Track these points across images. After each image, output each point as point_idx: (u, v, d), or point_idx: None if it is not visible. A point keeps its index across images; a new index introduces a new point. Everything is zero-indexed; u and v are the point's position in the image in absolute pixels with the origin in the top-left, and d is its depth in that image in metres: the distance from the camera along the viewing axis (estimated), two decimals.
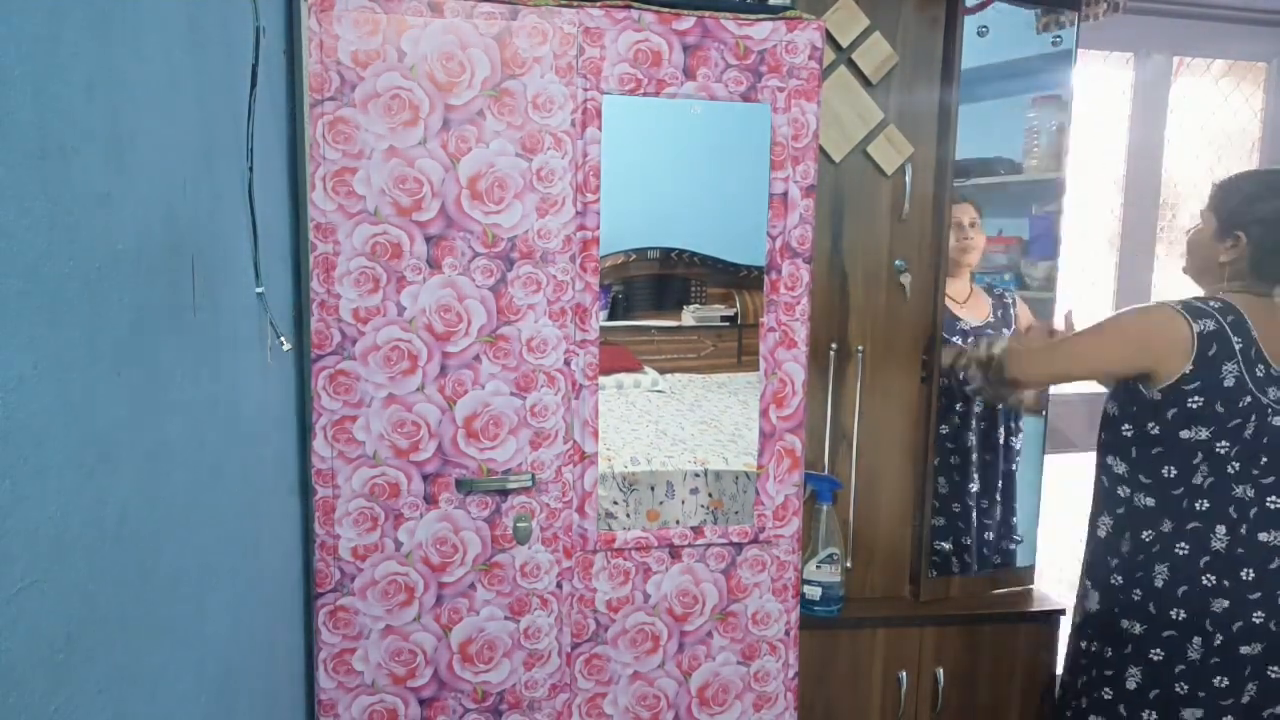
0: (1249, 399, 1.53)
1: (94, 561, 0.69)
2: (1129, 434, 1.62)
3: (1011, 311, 2.06)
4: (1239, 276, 1.61)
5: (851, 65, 1.85)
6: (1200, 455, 1.55)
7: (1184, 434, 1.56)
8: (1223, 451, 1.55)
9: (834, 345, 1.92)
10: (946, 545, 2.03)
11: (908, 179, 1.89)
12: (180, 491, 0.88)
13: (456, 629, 1.51)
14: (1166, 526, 1.58)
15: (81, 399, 0.67)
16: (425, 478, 1.47)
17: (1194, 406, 1.54)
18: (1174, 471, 1.57)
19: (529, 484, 1.50)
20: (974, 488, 2.04)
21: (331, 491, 1.45)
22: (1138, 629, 1.61)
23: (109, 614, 0.71)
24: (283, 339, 1.26)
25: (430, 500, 1.48)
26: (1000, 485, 2.08)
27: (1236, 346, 1.53)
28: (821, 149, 1.74)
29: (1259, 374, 1.54)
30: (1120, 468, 1.64)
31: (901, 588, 2.03)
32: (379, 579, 1.48)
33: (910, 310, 1.94)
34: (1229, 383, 1.52)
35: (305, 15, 1.35)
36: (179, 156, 0.89)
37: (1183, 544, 1.57)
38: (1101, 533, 1.69)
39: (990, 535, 2.08)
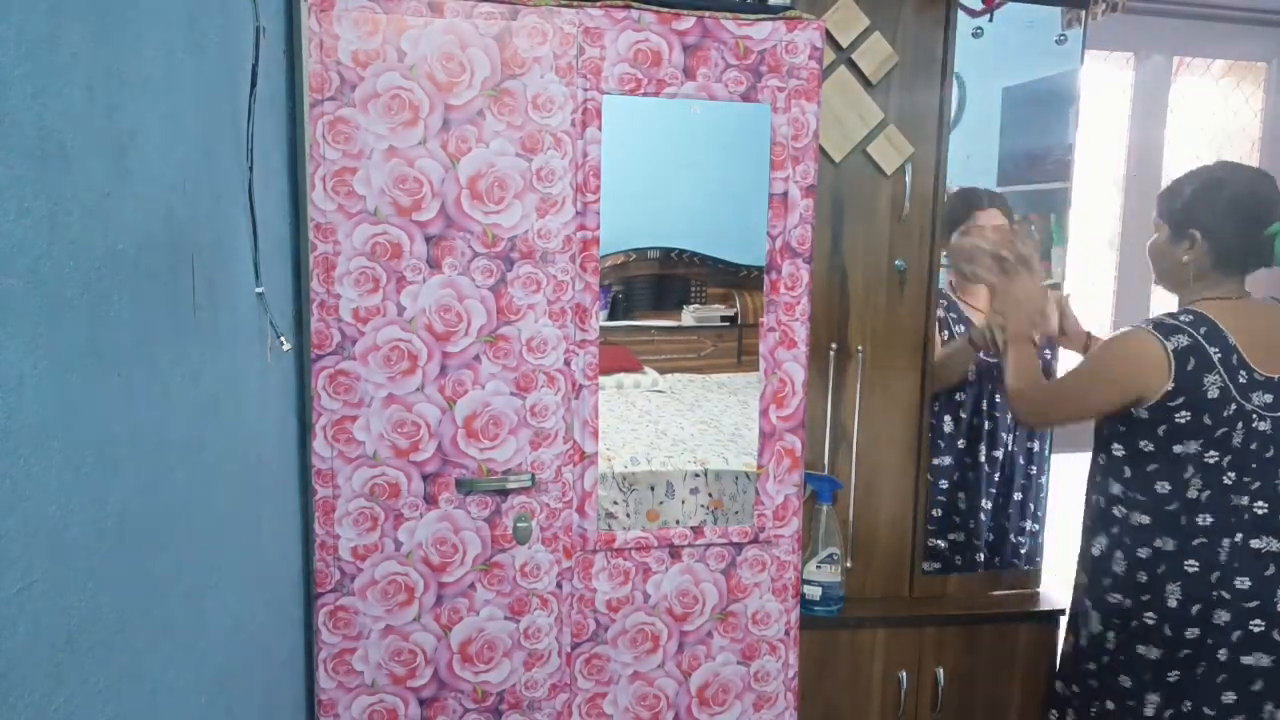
0: (1234, 406, 1.51)
1: (94, 561, 0.69)
2: (1121, 454, 1.61)
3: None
4: (1203, 276, 1.60)
5: (851, 65, 1.85)
6: (1192, 469, 1.54)
7: (1176, 449, 1.55)
8: (1212, 462, 1.53)
9: (834, 345, 1.92)
10: (941, 543, 2.03)
11: (908, 179, 1.89)
12: (180, 491, 0.88)
13: (456, 629, 1.51)
14: (1169, 545, 1.56)
15: (81, 399, 0.67)
16: (425, 478, 1.47)
17: (1181, 421, 1.53)
18: (1167, 487, 1.56)
19: (529, 484, 1.50)
20: (987, 487, 2.04)
21: (331, 491, 1.45)
22: (1155, 654, 1.57)
23: (109, 614, 0.71)
24: (283, 339, 1.26)
25: (430, 500, 1.48)
26: (1017, 485, 2.07)
27: (1215, 357, 1.51)
28: (821, 149, 1.73)
29: (1241, 380, 1.52)
30: (1115, 488, 1.62)
31: (901, 588, 2.03)
32: (379, 579, 1.48)
33: (910, 310, 1.94)
34: (1213, 394, 1.51)
35: (305, 15, 1.35)
36: (179, 156, 0.89)
37: (1191, 561, 1.54)
38: (1095, 551, 1.66)
39: (1011, 535, 2.07)
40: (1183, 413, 1.52)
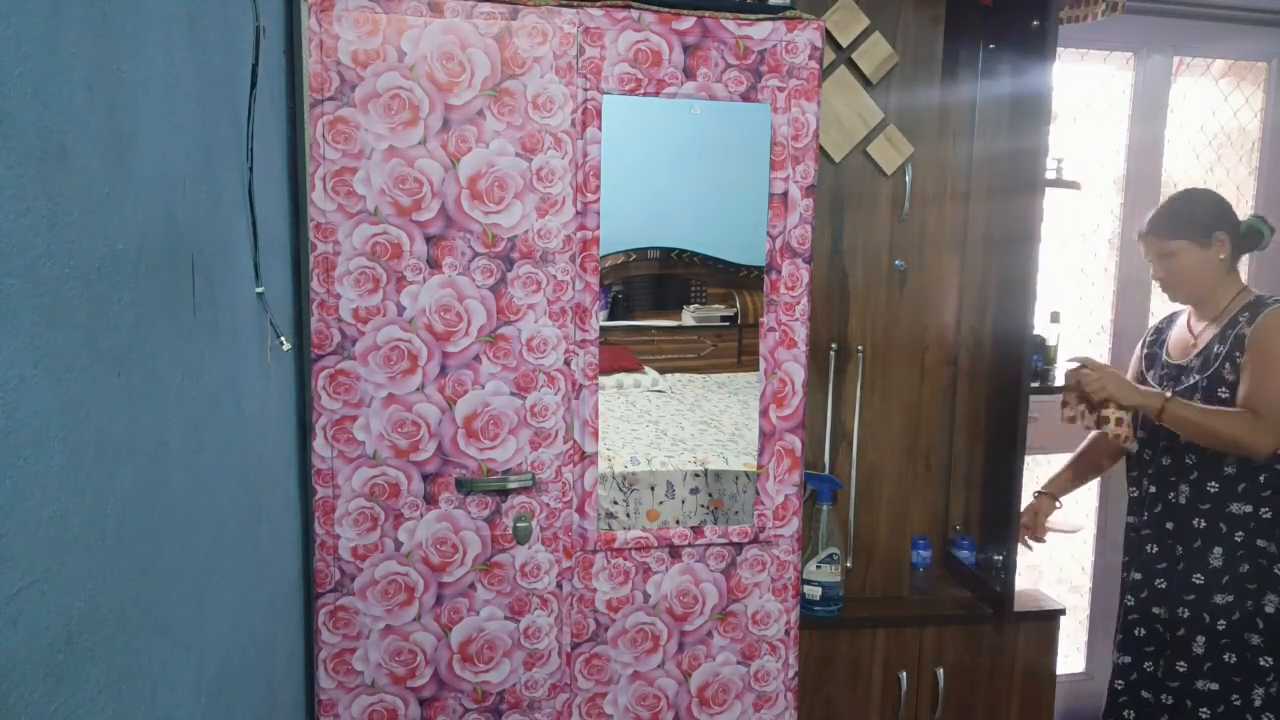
0: None
1: (94, 561, 0.69)
2: None
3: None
4: (1230, 267, 1.76)
5: (851, 65, 1.85)
6: None
7: None
8: None
9: (834, 345, 1.92)
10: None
11: (908, 179, 1.89)
12: (180, 491, 0.88)
13: (456, 629, 1.51)
14: None
15: (81, 399, 0.67)
16: (425, 478, 1.47)
17: None
18: None
19: (529, 484, 1.50)
20: None
21: (331, 491, 1.45)
22: None
23: (109, 614, 0.71)
24: (283, 339, 1.26)
25: (430, 500, 1.48)
26: None
27: None
28: (821, 149, 1.74)
29: None
30: None
31: (902, 588, 2.03)
32: (379, 579, 1.48)
33: (910, 310, 1.94)
34: None
35: (305, 15, 1.35)
36: (179, 156, 0.89)
37: None
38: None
39: None
40: None
